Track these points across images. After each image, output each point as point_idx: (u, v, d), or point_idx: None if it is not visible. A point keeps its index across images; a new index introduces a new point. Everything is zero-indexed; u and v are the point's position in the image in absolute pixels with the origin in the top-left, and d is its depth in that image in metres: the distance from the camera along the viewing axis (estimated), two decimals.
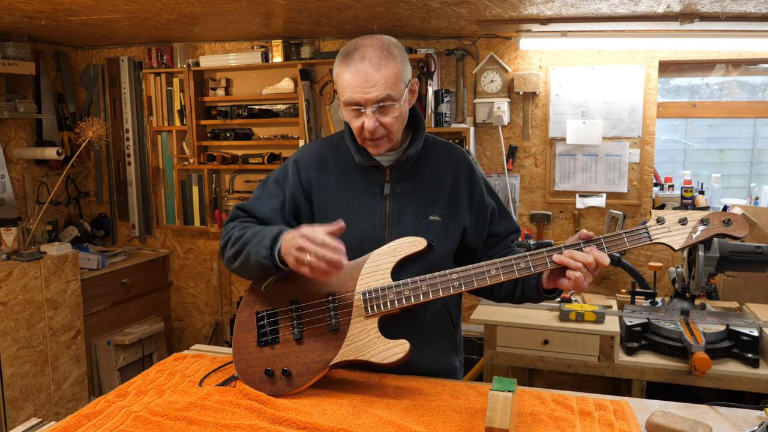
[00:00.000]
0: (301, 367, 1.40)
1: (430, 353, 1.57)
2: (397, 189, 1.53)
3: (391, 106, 1.42)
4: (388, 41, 1.44)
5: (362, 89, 1.39)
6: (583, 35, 2.93)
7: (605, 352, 2.37)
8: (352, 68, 1.39)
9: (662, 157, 3.42)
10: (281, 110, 3.68)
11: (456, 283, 1.36)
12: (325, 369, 1.39)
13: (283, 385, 1.40)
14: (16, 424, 2.69)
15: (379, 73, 1.38)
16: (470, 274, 1.36)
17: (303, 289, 1.46)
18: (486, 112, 3.28)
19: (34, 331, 3.01)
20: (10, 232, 3.07)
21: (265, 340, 1.45)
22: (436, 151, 1.60)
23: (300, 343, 1.42)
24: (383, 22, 3.00)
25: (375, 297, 1.39)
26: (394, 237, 1.48)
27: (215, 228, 3.83)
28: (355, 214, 1.52)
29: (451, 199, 1.56)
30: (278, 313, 1.46)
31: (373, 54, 1.39)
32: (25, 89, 3.54)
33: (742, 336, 2.22)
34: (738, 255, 2.22)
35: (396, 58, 1.42)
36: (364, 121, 1.42)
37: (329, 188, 1.56)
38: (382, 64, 1.39)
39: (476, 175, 1.61)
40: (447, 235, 1.54)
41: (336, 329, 1.40)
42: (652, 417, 1.24)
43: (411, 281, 1.38)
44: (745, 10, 2.47)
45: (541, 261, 1.34)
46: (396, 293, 1.38)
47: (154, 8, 2.73)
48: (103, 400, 1.39)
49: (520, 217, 3.39)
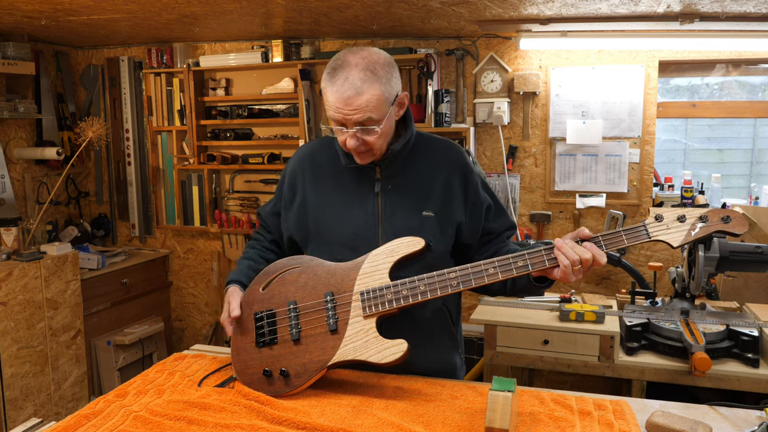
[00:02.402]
0: (299, 367, 1.40)
1: (430, 351, 1.57)
2: (388, 186, 1.54)
3: (373, 129, 1.42)
4: (375, 59, 1.42)
5: (343, 111, 1.40)
6: (583, 35, 2.93)
7: (605, 352, 2.37)
8: (335, 89, 1.40)
9: (662, 157, 3.42)
10: (281, 110, 3.68)
11: (454, 282, 1.36)
12: (324, 370, 1.39)
13: (281, 386, 1.40)
14: (16, 424, 2.69)
15: (361, 98, 1.38)
16: (468, 273, 1.36)
17: (301, 288, 1.47)
18: (486, 112, 3.28)
19: (34, 331, 3.01)
20: (10, 232, 3.07)
21: (264, 341, 1.45)
22: (430, 147, 1.61)
23: (298, 343, 1.42)
24: (383, 22, 3.00)
25: (373, 297, 1.39)
26: (387, 234, 1.50)
27: (215, 228, 3.83)
28: (348, 212, 1.54)
29: (446, 195, 1.56)
30: (276, 313, 1.47)
31: (356, 77, 1.38)
32: (25, 89, 3.54)
33: (742, 336, 2.22)
34: (738, 255, 2.21)
35: (380, 79, 1.40)
36: (346, 138, 1.44)
37: (322, 188, 1.59)
38: (364, 89, 1.38)
39: (471, 170, 1.61)
40: (442, 231, 1.55)
41: (334, 329, 1.40)
42: (652, 417, 1.23)
43: (409, 281, 1.38)
44: (745, 10, 2.47)
45: (539, 260, 1.35)
46: (394, 293, 1.38)
47: (154, 8, 2.73)
48: (102, 400, 1.39)
49: (520, 217, 3.39)
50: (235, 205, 3.85)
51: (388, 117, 1.45)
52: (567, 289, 2.92)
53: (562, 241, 1.34)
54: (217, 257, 3.97)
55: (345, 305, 1.41)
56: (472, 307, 3.30)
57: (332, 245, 1.55)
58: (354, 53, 1.42)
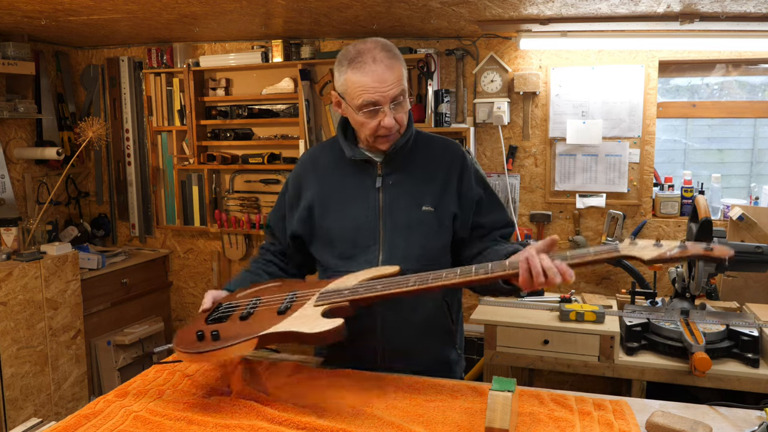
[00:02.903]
0: (232, 333, 1.35)
1: (426, 343, 1.61)
2: (389, 181, 1.59)
3: (404, 101, 1.51)
4: (385, 42, 1.53)
5: (380, 89, 1.47)
6: (583, 35, 2.93)
7: (605, 352, 2.37)
8: (366, 71, 1.46)
9: (662, 157, 3.42)
10: (281, 110, 3.68)
11: (411, 281, 1.35)
12: (255, 339, 1.31)
13: (207, 344, 1.33)
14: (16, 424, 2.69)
15: (393, 73, 1.47)
16: (427, 277, 1.35)
17: (272, 292, 1.50)
18: (486, 112, 3.28)
19: (34, 331, 3.02)
20: (10, 232, 3.07)
21: (214, 318, 1.45)
22: (430, 144, 1.66)
23: (244, 320, 1.40)
24: (383, 22, 3.00)
25: (330, 293, 1.40)
26: (387, 228, 1.56)
27: (215, 228, 3.83)
28: (350, 207, 1.59)
29: (443, 188, 1.60)
30: (239, 305, 1.48)
31: (382, 56, 1.47)
32: (25, 89, 3.54)
33: (742, 336, 2.22)
34: (738, 255, 2.20)
35: (398, 56, 1.51)
36: (383, 119, 1.50)
37: (325, 186, 1.64)
38: (393, 64, 1.48)
39: (468, 164, 1.64)
40: (440, 225, 1.58)
41: (282, 312, 1.38)
42: (652, 417, 1.23)
43: (368, 283, 1.39)
44: (745, 10, 2.47)
45: (499, 274, 1.32)
46: (351, 290, 1.38)
47: (154, 8, 2.73)
48: (102, 400, 1.39)
49: (520, 217, 3.39)
50: (235, 205, 3.85)
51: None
52: (567, 289, 2.92)
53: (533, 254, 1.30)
54: (217, 257, 3.97)
55: (303, 300, 1.41)
56: (472, 307, 3.30)
57: (335, 240, 1.61)
58: (364, 42, 1.51)
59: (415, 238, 1.56)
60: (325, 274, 1.65)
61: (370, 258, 1.56)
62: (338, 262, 1.60)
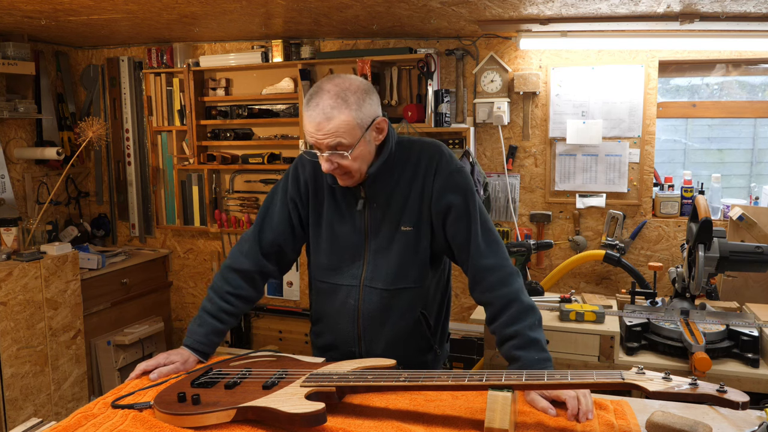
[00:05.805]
0: (213, 400, 1.32)
1: (403, 351, 1.65)
2: (373, 204, 1.62)
3: (343, 153, 1.47)
4: (347, 86, 1.46)
5: (315, 136, 1.46)
6: (583, 35, 2.92)
7: (605, 352, 2.37)
8: (308, 114, 1.47)
9: (662, 157, 3.42)
10: (281, 110, 3.68)
11: (402, 377, 1.30)
12: (234, 409, 1.28)
13: (186, 407, 1.30)
14: (16, 424, 2.69)
15: (329, 123, 1.44)
16: (419, 376, 1.30)
17: (263, 366, 1.50)
18: (486, 112, 3.28)
19: (34, 331, 3.01)
20: (10, 232, 3.07)
21: (200, 382, 1.41)
22: (409, 156, 1.62)
23: (229, 389, 1.37)
24: (383, 22, 3.00)
25: (320, 376, 1.37)
26: (372, 248, 1.62)
27: (215, 228, 3.83)
28: (340, 224, 1.64)
29: (419, 201, 1.61)
30: (230, 374, 1.46)
31: (326, 103, 1.44)
32: (25, 89, 3.54)
33: (742, 336, 2.21)
34: (738, 255, 2.21)
35: (350, 105, 1.44)
36: (322, 163, 1.51)
37: (320, 203, 1.67)
38: (333, 114, 1.43)
39: (441, 167, 1.60)
40: (417, 244, 1.61)
41: (268, 387, 1.35)
42: (652, 417, 1.23)
43: (360, 372, 1.37)
44: (745, 10, 2.47)
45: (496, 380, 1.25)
46: (341, 377, 1.35)
47: (154, 8, 2.73)
48: (102, 401, 1.39)
49: (520, 217, 3.39)
50: (235, 205, 3.85)
51: (364, 142, 1.49)
52: (567, 290, 2.92)
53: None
54: (217, 257, 3.97)
55: (291, 378, 1.39)
56: (472, 307, 3.30)
57: (322, 253, 1.67)
58: (330, 80, 1.48)
59: (394, 258, 1.61)
60: (313, 282, 1.74)
61: (354, 273, 1.63)
62: (325, 273, 1.68)
